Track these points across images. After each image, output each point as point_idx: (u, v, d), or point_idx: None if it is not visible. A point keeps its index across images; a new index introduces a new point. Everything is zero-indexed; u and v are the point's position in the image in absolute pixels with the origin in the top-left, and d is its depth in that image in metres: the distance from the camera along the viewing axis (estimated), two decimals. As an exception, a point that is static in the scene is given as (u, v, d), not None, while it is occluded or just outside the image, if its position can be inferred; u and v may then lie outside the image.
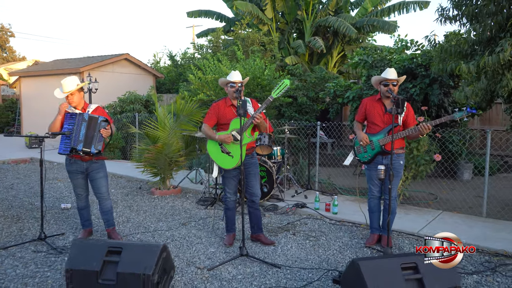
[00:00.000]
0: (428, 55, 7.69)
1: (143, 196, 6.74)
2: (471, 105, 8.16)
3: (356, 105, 8.45)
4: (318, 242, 4.57)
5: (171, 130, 6.63)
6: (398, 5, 13.70)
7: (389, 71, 4.26)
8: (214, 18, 16.16)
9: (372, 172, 4.37)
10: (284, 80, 4.07)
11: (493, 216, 5.59)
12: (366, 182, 7.08)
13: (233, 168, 4.29)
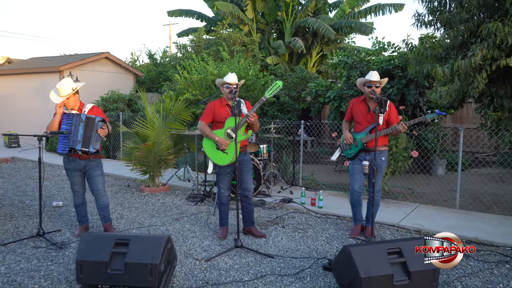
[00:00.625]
0: (404, 57, 8.11)
1: (133, 193, 6.88)
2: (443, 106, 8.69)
3: (337, 104, 8.80)
4: (306, 234, 4.86)
5: (160, 129, 6.79)
6: (375, 7, 14.19)
7: (372, 73, 4.58)
8: (195, 17, 16.29)
9: (355, 167, 4.68)
10: (277, 81, 4.33)
11: (465, 208, 6.01)
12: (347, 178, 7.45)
13: (227, 165, 4.52)
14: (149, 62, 20.71)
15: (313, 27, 13.39)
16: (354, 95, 8.46)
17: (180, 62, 9.37)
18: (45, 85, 14.15)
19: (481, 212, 5.77)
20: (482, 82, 4.80)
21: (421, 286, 3.12)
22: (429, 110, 4.00)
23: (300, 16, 14.57)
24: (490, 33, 4.60)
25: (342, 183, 7.74)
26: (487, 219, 5.38)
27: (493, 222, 5.24)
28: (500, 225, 5.14)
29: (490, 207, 6.07)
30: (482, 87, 4.84)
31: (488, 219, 5.40)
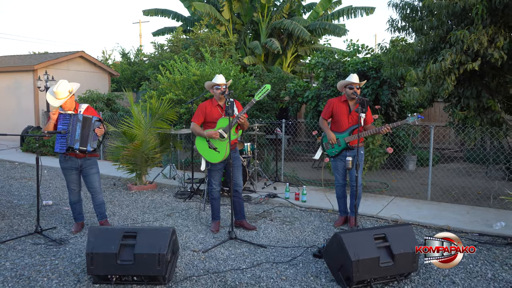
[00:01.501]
0: (378, 59, 8.59)
1: (121, 192, 7.02)
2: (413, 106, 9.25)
3: (315, 103, 9.20)
4: (293, 226, 5.19)
5: (147, 128, 6.97)
6: (347, 10, 14.74)
7: (353, 76, 4.95)
8: (171, 17, 16.38)
9: (338, 164, 5.04)
10: (266, 85, 4.62)
11: (436, 200, 6.51)
12: (325, 174, 7.85)
13: (218, 162, 4.79)
14: (123, 61, 20.56)
15: (288, 29, 13.78)
16: (331, 95, 8.87)
17: (162, 62, 9.50)
18: (19, 84, 13.92)
19: (450, 203, 6.28)
20: (451, 84, 5.27)
21: (404, 267, 3.50)
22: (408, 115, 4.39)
23: (276, 17, 14.93)
24: (458, 40, 5.07)
25: (320, 179, 8.13)
26: (456, 209, 5.88)
27: (462, 212, 5.74)
28: (467, 214, 5.64)
29: (458, 199, 6.59)
30: (451, 88, 5.31)
31: (457, 209, 5.91)
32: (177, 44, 12.87)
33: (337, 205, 5.33)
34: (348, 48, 9.61)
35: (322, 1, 15.26)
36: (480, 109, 6.03)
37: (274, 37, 14.90)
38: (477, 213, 5.68)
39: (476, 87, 5.82)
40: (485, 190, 7.12)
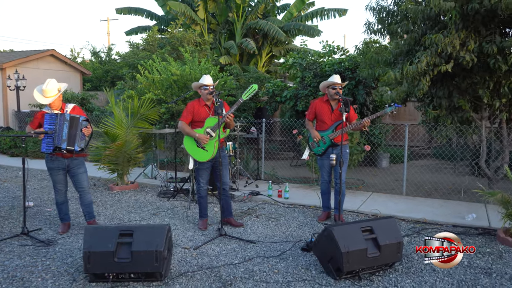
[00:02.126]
0: (353, 60, 8.89)
1: (102, 192, 6.98)
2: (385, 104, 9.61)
3: (293, 103, 9.41)
4: (279, 222, 5.35)
5: (129, 128, 6.96)
6: (320, 11, 15.06)
7: (335, 77, 5.15)
8: (144, 16, 16.23)
9: (324, 162, 5.24)
10: (253, 85, 4.75)
11: (411, 195, 6.84)
12: (304, 172, 8.07)
13: (206, 161, 4.89)
14: (94, 60, 20.18)
15: (264, 29, 13.95)
16: (308, 94, 9.11)
17: (141, 62, 9.45)
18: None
19: (424, 198, 6.62)
20: (426, 84, 5.57)
21: (389, 257, 3.72)
22: (386, 105, 4.64)
23: (251, 17, 15.07)
24: (432, 43, 5.36)
25: (300, 176, 8.34)
26: (430, 203, 6.21)
27: (435, 205, 6.07)
28: (441, 207, 5.97)
29: (431, 193, 6.95)
30: (426, 89, 5.60)
31: (431, 203, 6.24)
32: (153, 43, 12.79)
33: (321, 200, 5.53)
34: (324, 49, 9.88)
35: (296, 2, 15.53)
36: (451, 108, 6.37)
37: (249, 37, 15.04)
38: (449, 206, 6.02)
39: (448, 88, 6.15)
40: (455, 184, 7.52)
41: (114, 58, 19.71)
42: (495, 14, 5.13)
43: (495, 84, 5.81)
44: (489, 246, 4.47)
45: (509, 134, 6.31)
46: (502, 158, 6.37)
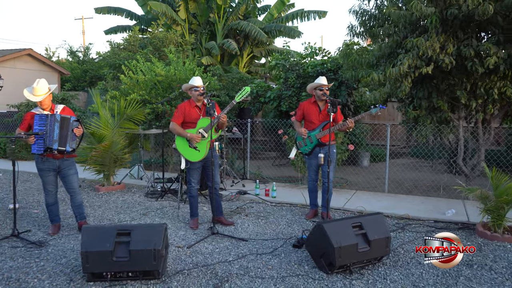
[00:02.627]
0: (335, 62, 9.10)
1: (88, 193, 6.94)
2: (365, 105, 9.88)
3: (276, 103, 9.56)
4: (268, 220, 5.48)
5: (115, 129, 6.95)
6: (301, 13, 15.28)
7: (321, 78, 5.31)
8: (124, 15, 16.09)
9: (311, 161, 5.39)
10: (246, 87, 4.86)
11: (393, 192, 7.09)
12: (288, 172, 8.22)
13: (198, 161, 4.96)
14: (71, 59, 19.84)
15: (245, 30, 14.06)
16: (292, 95, 9.27)
17: (125, 62, 9.40)
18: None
19: (406, 195, 6.87)
20: (407, 86, 5.80)
21: (378, 251, 3.90)
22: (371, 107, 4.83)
23: (232, 18, 15.16)
24: (414, 46, 5.60)
25: (284, 175, 8.50)
26: (411, 200, 6.46)
27: (417, 202, 6.32)
28: (422, 204, 6.22)
29: (411, 190, 7.21)
30: (407, 90, 5.84)
31: (412, 200, 6.49)
32: (134, 43, 12.71)
33: (308, 198, 5.68)
34: (306, 50, 10.06)
35: (276, 3, 15.70)
36: (430, 109, 6.64)
37: (231, 38, 15.13)
38: (430, 202, 6.28)
39: (427, 89, 6.41)
40: (434, 182, 7.83)
41: (92, 58, 19.43)
42: (472, 19, 5.40)
43: (472, 85, 6.10)
44: (469, 239, 4.72)
45: (484, 133, 6.62)
46: (478, 156, 6.68)
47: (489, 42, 5.36)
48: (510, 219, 4.77)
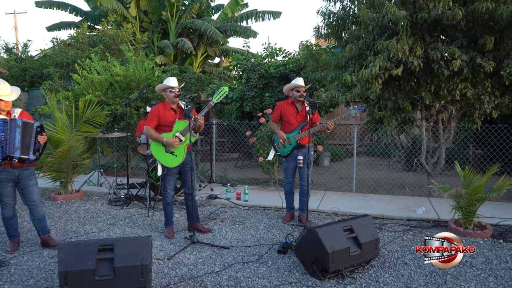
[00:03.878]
0: (297, 63, 9.12)
1: (44, 203, 6.37)
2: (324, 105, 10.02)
3: (239, 104, 9.40)
4: (246, 225, 5.32)
5: (72, 133, 6.46)
6: (255, 13, 15.23)
7: (299, 79, 5.24)
8: (68, 11, 15.14)
9: (289, 164, 5.30)
10: (224, 87, 4.66)
11: (359, 191, 7.21)
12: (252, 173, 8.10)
13: (175, 166, 4.70)
14: (8, 57, 18.36)
15: (200, 29, 13.75)
16: (255, 96, 9.16)
17: (78, 61, 8.79)
18: None
19: (373, 194, 7.01)
20: (378, 87, 5.90)
21: (368, 253, 3.89)
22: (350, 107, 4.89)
23: (186, 17, 14.77)
24: (384, 48, 5.69)
25: (250, 177, 8.38)
26: (380, 199, 6.59)
27: (386, 201, 6.46)
28: (391, 203, 6.37)
29: (376, 189, 7.38)
30: (378, 91, 5.94)
31: (380, 198, 6.62)
32: (83, 41, 11.96)
33: (284, 201, 5.60)
34: (266, 50, 10.00)
35: (230, 3, 15.52)
36: (395, 109, 6.82)
37: (184, 36, 14.73)
38: (398, 201, 6.45)
39: (392, 90, 6.57)
40: (395, 180, 8.08)
41: (31, 56, 18.11)
42: (439, 23, 5.59)
43: (435, 87, 6.33)
44: (445, 237, 4.86)
45: (444, 132, 6.91)
46: (440, 154, 6.96)
47: (454, 46, 5.57)
48: (478, 216, 4.98)
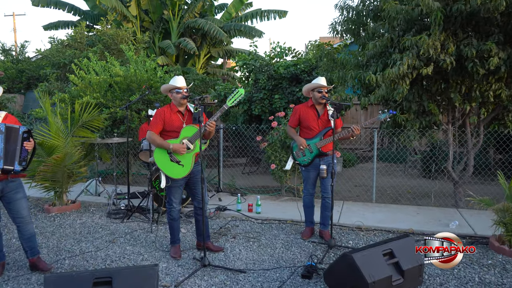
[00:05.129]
0: (309, 63, 8.56)
1: (36, 215, 5.80)
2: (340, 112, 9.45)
3: (247, 107, 8.83)
4: (261, 243, 4.74)
5: (68, 138, 5.89)
6: (260, 12, 14.67)
7: (320, 79, 4.67)
8: (66, 10, 14.59)
9: (310, 173, 4.72)
10: (239, 89, 4.09)
11: (380, 201, 6.63)
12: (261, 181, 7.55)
13: (182, 178, 4.13)
14: (4, 58, 17.81)
15: (203, 28, 13.20)
16: (263, 98, 8.60)
17: (75, 60, 8.24)
18: None
19: (395, 204, 6.42)
20: (405, 88, 5.33)
21: (412, 282, 3.32)
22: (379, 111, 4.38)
23: (189, 16, 14.23)
24: (413, 45, 5.13)
25: (258, 185, 7.80)
26: (405, 211, 6.00)
27: (412, 213, 5.88)
28: (418, 215, 5.78)
29: (397, 199, 6.80)
30: (405, 92, 5.38)
31: (405, 210, 6.03)
32: (81, 40, 11.41)
33: (303, 214, 5.03)
34: (274, 50, 9.46)
35: (234, 2, 14.97)
36: (419, 113, 6.25)
37: (187, 36, 14.18)
38: (425, 213, 5.86)
39: (417, 91, 6.00)
40: (413, 188, 7.50)
41: (29, 57, 17.58)
42: (474, 17, 5.04)
43: (466, 88, 5.77)
44: (489, 257, 4.27)
45: (473, 137, 6.35)
46: (468, 161, 6.38)
47: (491, 42, 5.01)
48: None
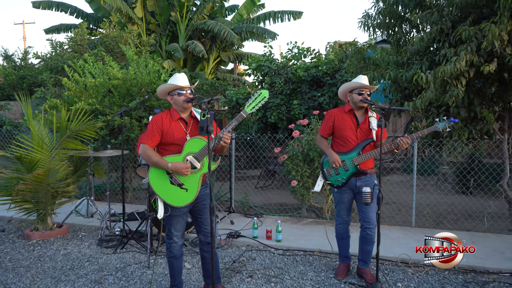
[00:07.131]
0: (332, 64, 7.61)
1: (14, 243, 4.88)
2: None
3: (261, 114, 7.90)
4: (285, 284, 3.75)
5: (53, 150, 4.99)
6: (274, 14, 13.79)
7: (362, 77, 3.71)
8: (69, 12, 13.86)
9: (344, 196, 3.75)
10: (262, 91, 3.12)
11: (420, 224, 5.63)
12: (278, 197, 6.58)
13: (185, 205, 3.16)
14: (7, 64, 17.17)
15: (213, 30, 12.33)
16: (280, 104, 7.66)
17: (68, 62, 7.40)
18: None
19: (441, 230, 5.38)
20: (461, 89, 4.35)
21: None
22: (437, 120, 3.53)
23: (197, 18, 13.39)
24: (471, 37, 4.16)
25: (275, 203, 6.82)
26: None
27: (465, 241, 4.81)
28: (473, 243, 4.64)
29: (439, 222, 5.79)
30: (461, 95, 4.39)
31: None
32: (82, 43, 10.60)
33: (337, 247, 4.04)
34: (290, 51, 8.52)
35: (245, 3, 14.11)
36: (469, 120, 5.26)
37: (195, 39, 13.33)
38: (481, 241, 4.83)
39: (468, 95, 5.01)
40: (451, 206, 6.47)
41: (32, 63, 16.92)
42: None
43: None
44: None
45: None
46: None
47: None
48: None
